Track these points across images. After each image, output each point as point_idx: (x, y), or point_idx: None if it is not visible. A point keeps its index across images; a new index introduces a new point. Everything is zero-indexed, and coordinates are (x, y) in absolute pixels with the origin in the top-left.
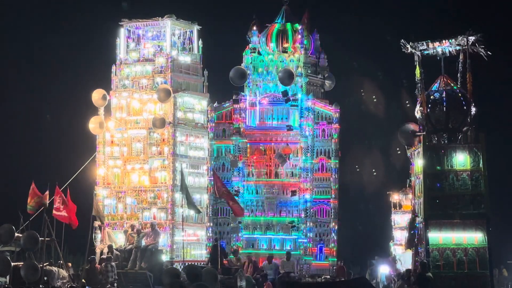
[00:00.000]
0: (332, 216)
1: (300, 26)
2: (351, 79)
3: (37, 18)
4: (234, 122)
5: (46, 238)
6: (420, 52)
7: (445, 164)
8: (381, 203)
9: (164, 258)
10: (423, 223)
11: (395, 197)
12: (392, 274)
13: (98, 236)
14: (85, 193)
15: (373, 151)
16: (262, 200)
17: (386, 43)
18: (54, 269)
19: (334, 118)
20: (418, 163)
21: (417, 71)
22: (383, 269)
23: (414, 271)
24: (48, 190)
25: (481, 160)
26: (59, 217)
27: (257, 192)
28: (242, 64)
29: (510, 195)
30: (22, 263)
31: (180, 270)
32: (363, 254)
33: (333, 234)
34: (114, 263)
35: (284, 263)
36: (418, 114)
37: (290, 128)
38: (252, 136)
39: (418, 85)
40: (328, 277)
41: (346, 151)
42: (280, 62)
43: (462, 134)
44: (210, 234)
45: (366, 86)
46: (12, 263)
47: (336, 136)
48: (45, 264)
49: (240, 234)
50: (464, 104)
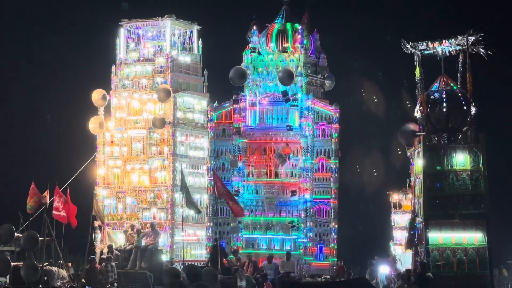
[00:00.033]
0: (332, 216)
1: (300, 26)
2: (351, 79)
3: (37, 18)
4: (234, 122)
5: (46, 238)
6: (420, 52)
7: (445, 164)
8: (381, 203)
9: (164, 258)
10: (423, 223)
11: (395, 197)
12: (392, 274)
13: (98, 236)
14: (85, 193)
15: (373, 151)
16: (262, 200)
17: (386, 43)
18: (54, 269)
19: (334, 118)
20: (418, 163)
21: (417, 71)
22: (383, 269)
23: (414, 271)
24: (48, 190)
25: (481, 160)
26: (58, 217)
27: (257, 192)
28: (242, 64)
29: (510, 195)
30: (22, 263)
31: (180, 270)
32: (363, 254)
33: (333, 234)
34: (114, 263)
35: (284, 263)
36: (418, 114)
37: (290, 128)
38: (252, 136)
39: (418, 85)
40: (328, 277)
41: (346, 151)
42: (280, 62)
43: (462, 134)
44: (210, 234)
45: (366, 86)
46: (12, 263)
47: (336, 136)
48: (45, 264)
49: (240, 234)
50: (464, 104)
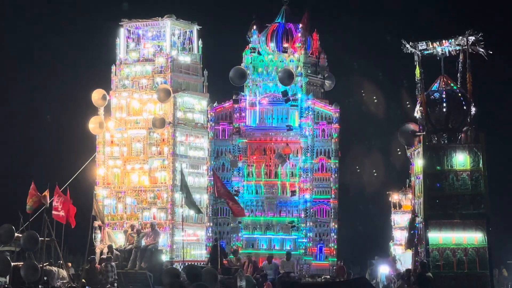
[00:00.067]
0: (332, 216)
1: (300, 26)
2: (351, 79)
3: (37, 18)
4: (234, 122)
5: (46, 238)
6: (420, 52)
7: (445, 164)
8: (381, 203)
9: (164, 258)
10: (423, 223)
11: (395, 197)
12: (392, 274)
13: (98, 236)
14: (85, 193)
15: (373, 151)
16: (262, 200)
17: (386, 43)
18: (54, 269)
19: (334, 118)
20: (418, 163)
21: (417, 71)
22: (383, 269)
23: (414, 271)
24: (48, 190)
25: (481, 160)
26: (57, 216)
27: (257, 192)
28: (242, 64)
29: (510, 195)
30: (22, 263)
31: (180, 270)
32: (363, 254)
33: (333, 234)
34: (114, 263)
35: (284, 263)
36: (418, 114)
37: (290, 128)
38: (252, 136)
39: (418, 85)
40: (328, 277)
41: (346, 151)
42: (280, 62)
43: (462, 134)
44: (210, 234)
45: (366, 86)
46: (12, 263)
47: (336, 136)
48: (45, 264)
49: (240, 234)
50: (464, 104)
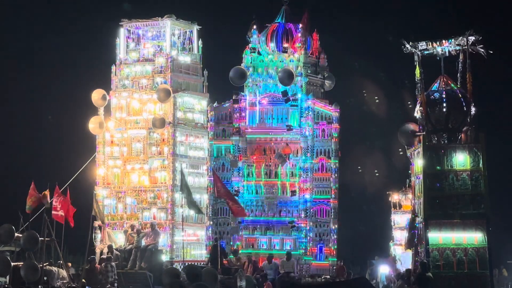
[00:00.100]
0: (332, 216)
1: (300, 26)
2: (351, 79)
3: (37, 18)
4: (234, 122)
5: (46, 238)
6: (420, 52)
7: (445, 164)
8: (381, 203)
9: (164, 258)
10: (423, 223)
11: (395, 197)
12: (392, 274)
13: (98, 236)
14: (85, 193)
15: (373, 151)
16: (262, 200)
17: (386, 43)
18: (54, 269)
19: (334, 118)
20: (418, 163)
21: (417, 71)
22: (383, 269)
23: (414, 271)
24: (48, 190)
25: (481, 160)
26: (56, 216)
27: (257, 192)
28: (242, 64)
29: (510, 195)
30: (22, 263)
31: (180, 270)
32: (363, 254)
33: (333, 234)
34: (114, 263)
35: (284, 263)
36: (418, 114)
37: (290, 128)
38: (252, 136)
39: (418, 85)
40: (328, 277)
41: (346, 151)
42: (280, 62)
43: (462, 134)
44: (210, 234)
45: (366, 86)
46: (12, 263)
47: (336, 136)
48: (45, 264)
49: (240, 234)
50: (464, 104)
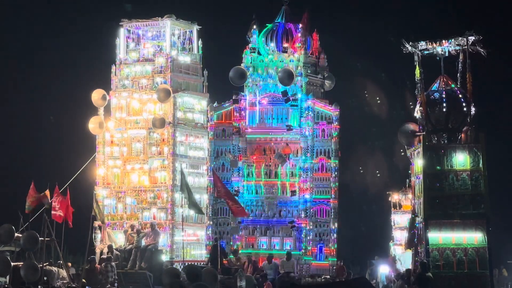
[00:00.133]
0: (332, 216)
1: (300, 26)
2: (351, 79)
3: (37, 18)
4: (234, 122)
5: (46, 238)
6: (420, 52)
7: (445, 164)
8: (381, 203)
9: (164, 258)
10: (423, 223)
11: (395, 197)
12: (392, 274)
13: (98, 236)
14: (85, 193)
15: (373, 151)
16: (262, 200)
17: (386, 43)
18: (54, 269)
19: (334, 118)
20: (418, 163)
21: (417, 71)
22: (383, 269)
23: (414, 271)
24: (48, 190)
25: (481, 160)
26: (54, 216)
27: (257, 192)
28: (242, 64)
29: (510, 195)
30: (22, 263)
31: (180, 270)
32: (363, 254)
33: (333, 234)
34: (114, 263)
35: (284, 263)
36: (418, 114)
37: (290, 128)
38: (252, 136)
39: (418, 85)
40: (328, 277)
41: (346, 151)
42: (280, 62)
43: (462, 134)
44: (210, 234)
45: (366, 86)
46: (12, 263)
47: (336, 135)
48: (45, 264)
49: (240, 234)
50: (464, 104)
